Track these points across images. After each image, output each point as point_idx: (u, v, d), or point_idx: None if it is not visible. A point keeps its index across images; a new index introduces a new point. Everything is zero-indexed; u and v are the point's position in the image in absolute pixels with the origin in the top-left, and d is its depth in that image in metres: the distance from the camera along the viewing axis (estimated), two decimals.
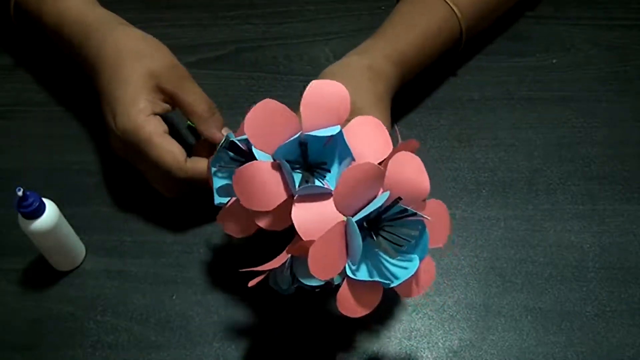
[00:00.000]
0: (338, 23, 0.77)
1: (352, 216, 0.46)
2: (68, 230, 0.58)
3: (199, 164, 0.58)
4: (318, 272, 0.45)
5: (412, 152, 0.49)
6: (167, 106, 0.60)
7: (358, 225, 0.45)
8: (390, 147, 0.49)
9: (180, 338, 0.57)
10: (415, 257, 0.47)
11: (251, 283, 0.49)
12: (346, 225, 0.46)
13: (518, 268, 0.61)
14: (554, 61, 0.74)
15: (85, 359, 0.56)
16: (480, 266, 0.61)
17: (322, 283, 0.49)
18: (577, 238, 0.63)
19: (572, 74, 0.73)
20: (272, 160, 0.48)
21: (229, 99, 0.70)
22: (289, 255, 0.49)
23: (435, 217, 0.48)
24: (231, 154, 0.53)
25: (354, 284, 0.47)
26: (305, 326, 0.58)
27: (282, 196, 0.47)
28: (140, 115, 0.57)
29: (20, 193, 0.51)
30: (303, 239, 0.46)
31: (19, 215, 0.54)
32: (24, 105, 0.71)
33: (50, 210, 0.55)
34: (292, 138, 0.47)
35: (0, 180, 0.65)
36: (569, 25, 0.77)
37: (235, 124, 0.66)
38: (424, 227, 0.47)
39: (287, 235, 0.49)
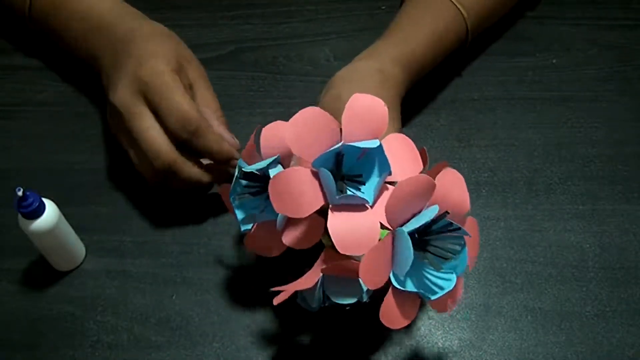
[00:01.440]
0: (338, 23, 0.77)
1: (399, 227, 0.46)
2: (68, 230, 0.58)
3: (211, 129, 0.58)
4: (369, 282, 0.46)
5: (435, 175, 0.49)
6: (187, 84, 0.61)
7: (413, 233, 0.45)
8: (420, 164, 0.50)
9: (180, 338, 0.57)
10: (454, 271, 0.48)
11: (276, 301, 0.49)
12: (394, 236, 0.46)
13: (518, 268, 0.61)
14: (554, 61, 0.74)
15: (85, 359, 0.56)
16: (480, 266, 0.61)
17: (354, 301, 0.49)
18: (577, 238, 0.63)
19: (572, 74, 0.73)
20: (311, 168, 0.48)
21: (229, 99, 0.70)
22: (320, 276, 0.49)
23: (471, 234, 0.49)
24: (244, 182, 0.52)
25: (398, 295, 0.47)
26: (305, 326, 0.58)
27: (318, 204, 0.47)
28: (169, 66, 0.59)
29: (20, 193, 0.51)
30: (339, 250, 0.46)
31: (19, 215, 0.54)
32: (24, 105, 0.71)
33: (50, 210, 0.55)
34: (333, 147, 0.47)
35: (0, 180, 0.65)
36: (569, 25, 0.77)
37: (236, 124, 0.66)
38: (464, 242, 0.48)
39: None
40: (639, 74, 0.73)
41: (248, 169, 0.51)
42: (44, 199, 0.54)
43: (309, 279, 0.49)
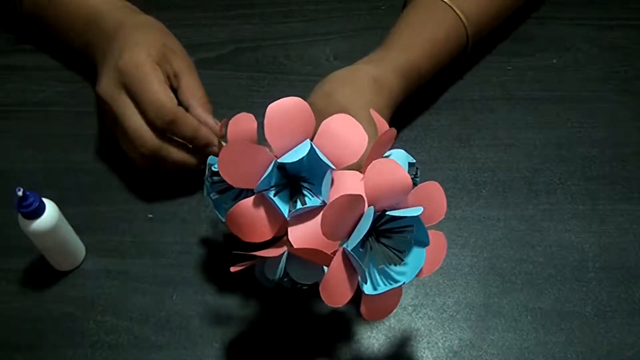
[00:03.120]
0: (338, 23, 0.77)
1: (347, 239, 0.46)
2: (68, 230, 0.58)
3: (189, 115, 0.60)
4: (332, 302, 0.46)
5: (389, 141, 0.49)
6: (170, 74, 0.62)
7: (357, 248, 0.45)
8: (366, 139, 0.49)
9: (180, 338, 0.57)
10: (422, 245, 0.48)
11: (234, 269, 0.50)
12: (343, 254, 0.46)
13: (518, 268, 0.61)
14: (554, 61, 0.74)
15: (85, 359, 0.56)
16: (480, 266, 0.61)
17: (312, 283, 0.49)
18: (577, 238, 0.63)
19: (572, 74, 0.73)
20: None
21: (229, 99, 0.70)
22: (285, 249, 0.49)
23: (429, 197, 0.49)
24: (216, 178, 0.53)
25: (371, 297, 0.47)
26: (305, 326, 0.58)
27: (276, 224, 0.48)
28: (150, 58, 0.60)
29: (20, 193, 0.51)
30: (304, 258, 0.47)
31: (19, 215, 0.54)
32: (24, 105, 0.71)
33: (50, 210, 0.55)
34: (268, 171, 0.47)
35: (0, 180, 0.65)
36: (569, 25, 0.77)
37: None
38: (418, 220, 0.47)
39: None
40: (639, 74, 0.73)
41: (216, 168, 0.51)
42: (44, 199, 0.54)
43: (275, 250, 0.49)
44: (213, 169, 0.52)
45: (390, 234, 0.48)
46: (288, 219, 0.48)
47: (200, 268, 0.61)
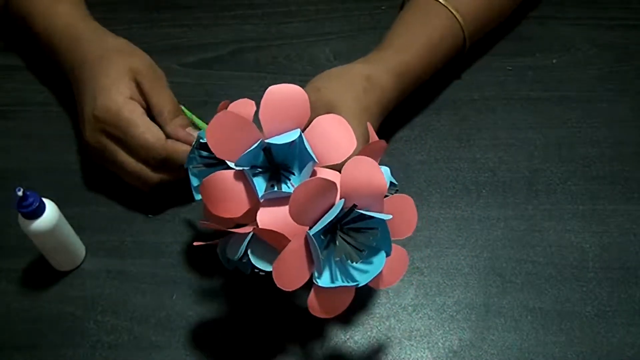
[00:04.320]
0: (338, 23, 0.77)
1: (311, 227, 0.46)
2: (68, 230, 0.58)
3: (179, 145, 0.60)
4: (284, 285, 0.46)
5: (379, 152, 0.49)
6: (142, 101, 0.62)
7: (319, 234, 0.46)
8: (354, 145, 0.49)
9: (180, 338, 0.57)
10: (382, 253, 0.48)
11: (196, 243, 0.51)
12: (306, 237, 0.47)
13: (518, 268, 0.61)
14: (554, 61, 0.74)
15: (85, 359, 0.56)
16: (480, 266, 0.61)
17: (269, 270, 0.49)
18: (577, 238, 0.63)
19: (572, 74, 0.73)
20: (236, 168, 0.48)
21: (229, 99, 0.70)
22: (252, 231, 0.49)
23: (400, 210, 0.49)
24: (204, 153, 0.53)
25: (322, 290, 0.47)
26: (305, 326, 0.58)
27: (248, 204, 0.48)
28: (121, 97, 0.60)
29: (20, 193, 0.51)
30: (268, 242, 0.47)
31: (19, 215, 0.54)
32: (24, 105, 0.71)
33: (50, 210, 0.55)
34: (252, 147, 0.48)
35: (0, 180, 0.65)
36: (569, 25, 0.77)
37: None
38: (384, 225, 0.48)
39: None
40: (639, 74, 0.73)
41: (204, 140, 0.52)
42: (44, 199, 0.54)
43: (240, 229, 0.49)
44: (201, 141, 0.53)
45: (355, 233, 0.48)
46: (261, 200, 0.47)
47: (200, 268, 0.61)
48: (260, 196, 0.47)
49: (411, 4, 0.69)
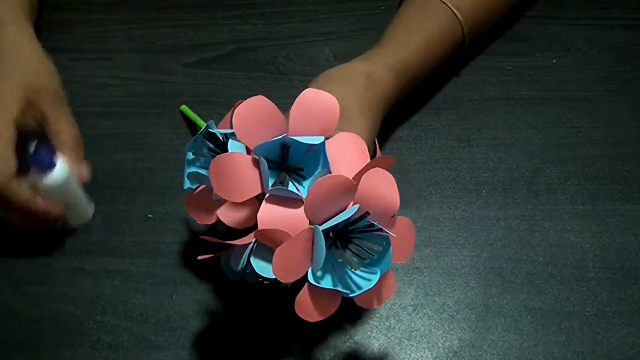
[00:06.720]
0: (338, 23, 0.77)
1: (320, 224, 0.46)
2: (77, 184, 0.59)
3: (22, 191, 0.55)
4: (281, 274, 0.46)
5: (387, 167, 0.49)
6: (31, 124, 0.57)
7: (325, 234, 0.45)
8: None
9: (180, 338, 0.57)
10: (377, 270, 0.48)
11: (200, 257, 0.50)
12: (313, 232, 0.47)
13: (518, 268, 0.61)
14: (554, 61, 0.74)
15: (85, 359, 0.56)
16: (480, 266, 0.61)
17: (273, 279, 0.49)
18: (577, 238, 0.63)
19: (572, 74, 0.73)
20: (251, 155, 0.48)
21: (229, 99, 0.70)
22: (254, 240, 0.49)
23: (402, 233, 0.49)
24: (209, 143, 0.53)
25: (314, 289, 0.47)
26: (305, 326, 0.58)
27: (255, 191, 0.48)
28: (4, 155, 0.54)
29: (32, 148, 0.53)
30: (261, 241, 0.47)
31: (31, 174, 0.55)
32: None
33: (61, 163, 0.56)
34: (275, 138, 0.47)
35: None
36: (569, 25, 0.77)
37: None
38: (388, 242, 0.48)
39: None
40: (639, 74, 0.73)
41: (214, 129, 0.52)
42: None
43: (242, 240, 0.49)
44: (210, 130, 0.52)
45: (360, 241, 0.48)
46: (267, 193, 0.47)
47: (200, 268, 0.61)
48: (269, 188, 0.47)
49: (410, 2, 0.69)
